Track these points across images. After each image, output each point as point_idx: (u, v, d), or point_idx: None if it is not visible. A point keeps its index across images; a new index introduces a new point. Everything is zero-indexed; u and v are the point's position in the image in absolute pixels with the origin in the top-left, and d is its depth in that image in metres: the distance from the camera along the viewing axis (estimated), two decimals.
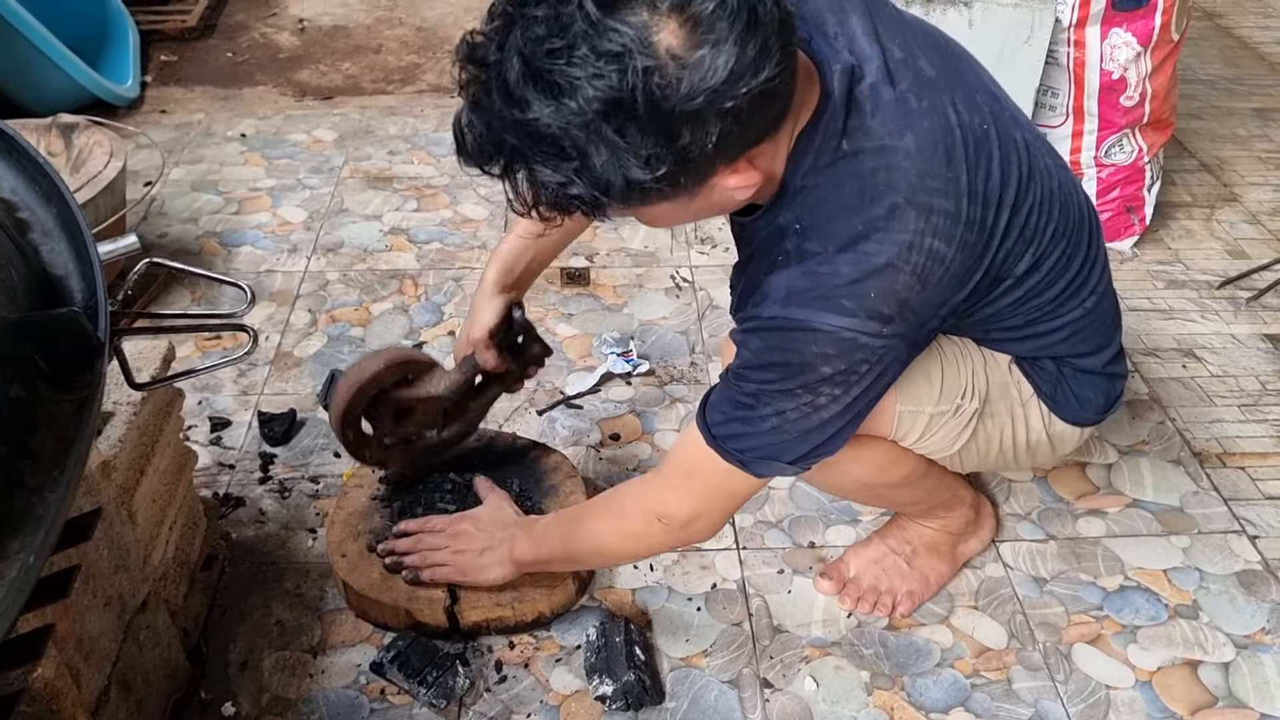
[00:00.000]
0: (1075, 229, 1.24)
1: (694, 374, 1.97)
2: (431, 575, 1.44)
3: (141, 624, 1.28)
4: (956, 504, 1.55)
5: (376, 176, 2.58)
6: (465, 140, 0.97)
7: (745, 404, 1.13)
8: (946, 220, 1.06)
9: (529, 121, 0.90)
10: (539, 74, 0.89)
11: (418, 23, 3.41)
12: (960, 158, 1.07)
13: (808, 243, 1.07)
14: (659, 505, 1.25)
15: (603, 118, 0.89)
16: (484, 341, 1.46)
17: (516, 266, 1.48)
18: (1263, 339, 2.10)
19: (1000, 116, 1.15)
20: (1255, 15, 3.59)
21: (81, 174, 1.99)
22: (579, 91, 0.88)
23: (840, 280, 1.05)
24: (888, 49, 1.09)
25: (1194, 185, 2.62)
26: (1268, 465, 1.80)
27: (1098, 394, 1.37)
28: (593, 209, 0.97)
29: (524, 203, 0.99)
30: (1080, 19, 2.11)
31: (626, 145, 0.90)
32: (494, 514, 1.48)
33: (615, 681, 1.38)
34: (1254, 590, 1.58)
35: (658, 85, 0.88)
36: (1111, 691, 1.44)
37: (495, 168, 0.97)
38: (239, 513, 1.67)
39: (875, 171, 1.05)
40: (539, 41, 0.89)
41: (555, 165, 0.93)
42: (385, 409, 1.47)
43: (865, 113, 1.05)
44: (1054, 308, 1.26)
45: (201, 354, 1.99)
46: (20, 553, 0.71)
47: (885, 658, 1.48)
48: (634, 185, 0.93)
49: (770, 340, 1.09)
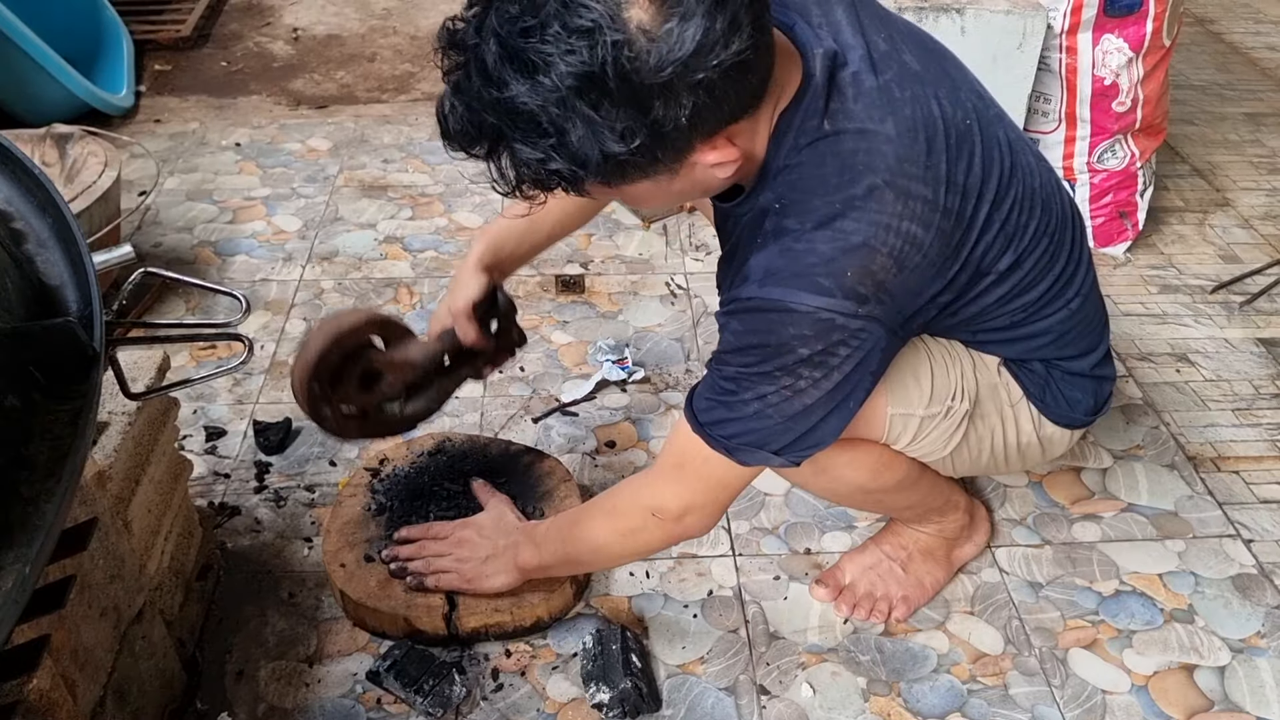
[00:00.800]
0: (1058, 228, 1.25)
1: (689, 381, 1.97)
2: (435, 582, 1.44)
3: (137, 634, 1.27)
4: (951, 509, 1.55)
5: (371, 185, 2.59)
6: (448, 123, 0.99)
7: (727, 389, 1.13)
8: (924, 206, 1.07)
9: (507, 100, 0.93)
10: (515, 53, 0.92)
11: (412, 31, 3.41)
12: (941, 147, 1.08)
13: (786, 220, 1.08)
14: (652, 499, 1.26)
15: (576, 93, 0.91)
16: (466, 312, 1.44)
17: (504, 248, 1.48)
18: (1256, 343, 2.11)
19: (984, 114, 1.16)
20: (1246, 21, 3.61)
21: (76, 184, 1.99)
22: (553, 68, 0.90)
23: (817, 258, 1.05)
24: (872, 41, 1.10)
25: (1186, 190, 2.63)
26: (1262, 469, 1.81)
27: (1086, 396, 1.37)
28: (572, 184, 0.99)
29: (508, 183, 1.01)
30: (1072, 25, 2.12)
31: (601, 119, 0.93)
32: (496, 521, 1.48)
33: (612, 689, 1.38)
34: (1249, 594, 1.59)
35: (628, 58, 0.90)
36: (1108, 696, 1.44)
37: (478, 149, 0.99)
38: (234, 522, 1.67)
39: (855, 153, 1.05)
40: (513, 21, 0.91)
41: (534, 142, 0.95)
42: (353, 368, 1.39)
43: (847, 96, 1.07)
44: (1039, 308, 1.27)
45: (196, 363, 1.99)
46: (16, 563, 0.71)
47: (882, 664, 1.48)
48: (611, 159, 0.95)
49: (748, 322, 1.10)
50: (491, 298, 1.46)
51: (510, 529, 1.45)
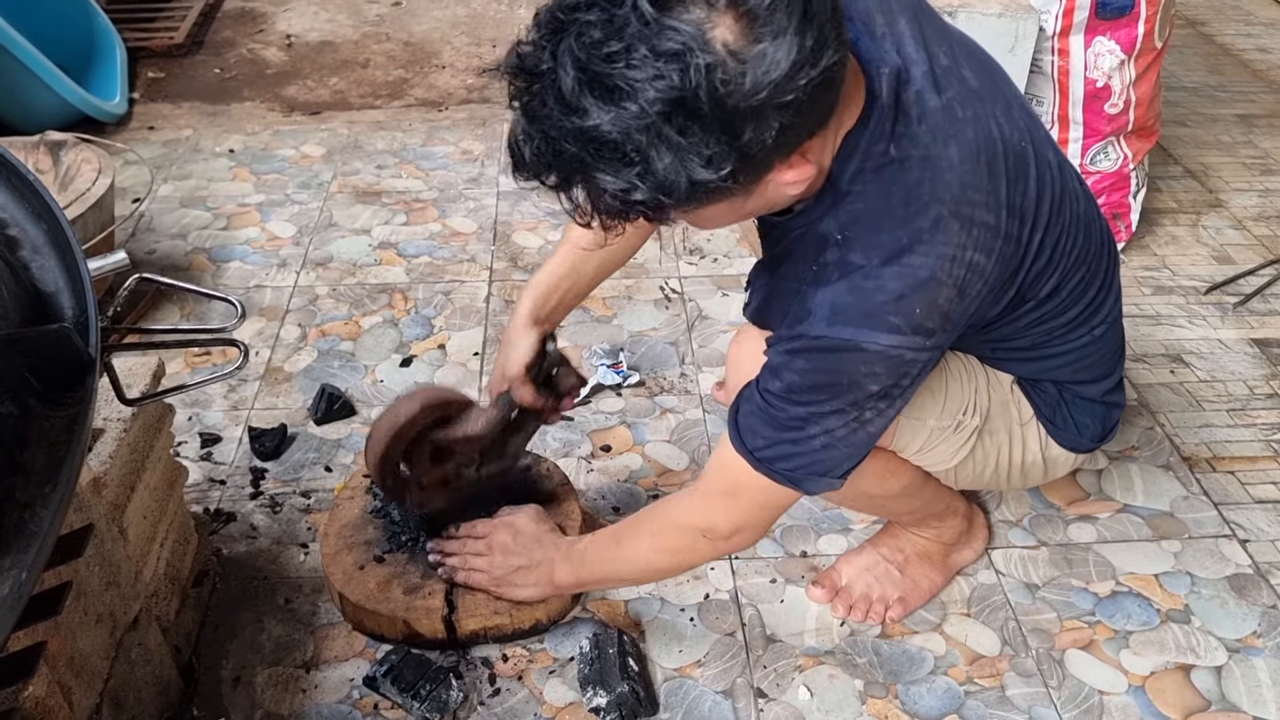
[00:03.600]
0: (1095, 256, 1.25)
1: (684, 385, 1.98)
2: (466, 578, 1.45)
3: (133, 641, 1.27)
4: (950, 515, 1.55)
5: (365, 191, 2.59)
6: (524, 154, 0.93)
7: (792, 426, 1.12)
8: (987, 233, 1.06)
9: (590, 129, 0.88)
10: (596, 79, 0.87)
11: (405, 38, 3.42)
12: (1000, 170, 1.07)
13: (851, 254, 1.06)
14: (703, 522, 1.25)
15: (665, 119, 0.87)
16: (520, 377, 1.44)
17: (550, 299, 1.47)
18: (1250, 344, 2.12)
19: (1036, 135, 1.15)
20: (1237, 23, 3.62)
21: (70, 191, 1.98)
22: (640, 94, 0.86)
23: (886, 295, 1.04)
24: (934, 55, 1.08)
25: (1179, 191, 2.64)
26: (1257, 469, 1.81)
27: (1095, 421, 1.38)
28: (656, 213, 0.95)
29: (583, 213, 0.96)
30: (1064, 28, 2.12)
31: (689, 145, 0.88)
32: (534, 529, 1.46)
33: (609, 693, 1.38)
34: (1245, 594, 1.59)
35: (721, 81, 0.86)
36: (1105, 697, 1.44)
37: (554, 179, 0.94)
38: (230, 528, 1.66)
39: (920, 183, 1.04)
40: (595, 46, 0.86)
41: (617, 171, 0.90)
42: (422, 451, 1.44)
43: (912, 118, 1.05)
44: (1064, 333, 1.27)
45: (191, 370, 1.98)
46: (12, 570, 0.71)
47: (879, 666, 1.48)
48: (698, 186, 0.91)
49: (817, 361, 1.09)
50: (542, 353, 1.46)
51: (547, 543, 1.43)
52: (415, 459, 1.44)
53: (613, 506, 1.72)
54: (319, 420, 1.87)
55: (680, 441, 1.85)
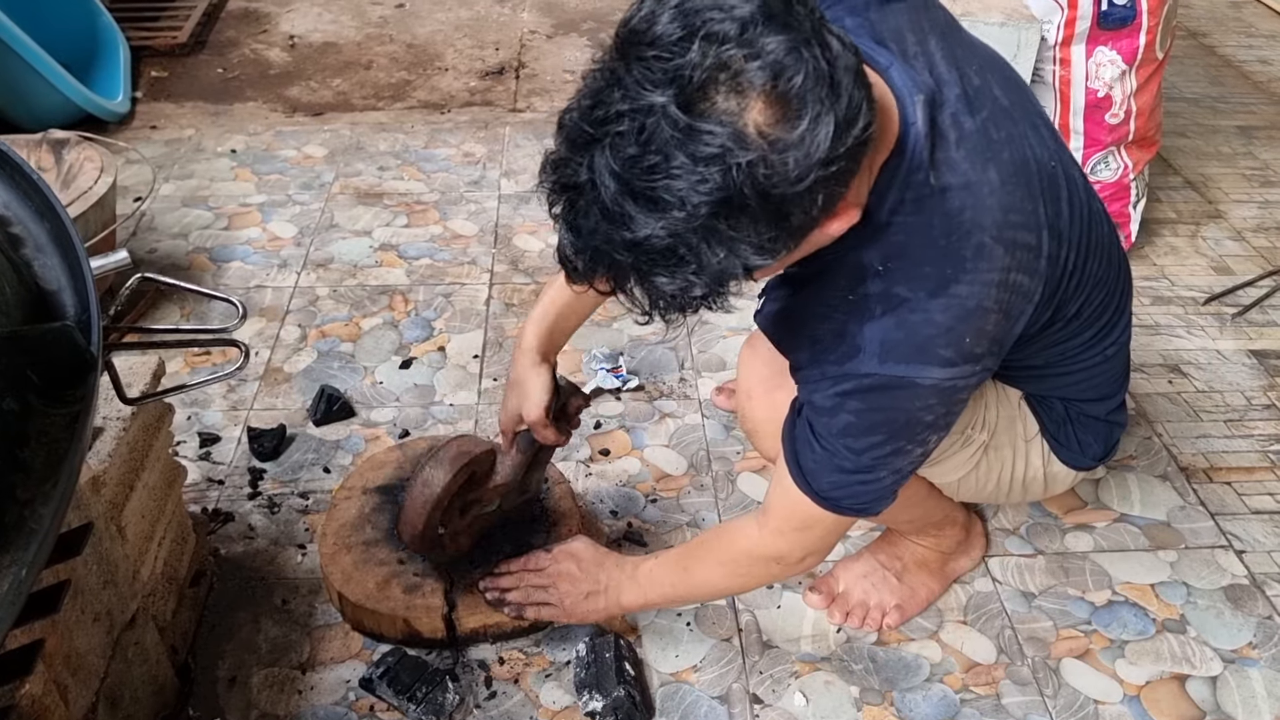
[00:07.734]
0: (1113, 279, 1.25)
1: (683, 389, 1.98)
2: (536, 614, 1.44)
3: (130, 640, 1.27)
4: (949, 524, 1.56)
5: (366, 192, 2.59)
6: (576, 267, 0.93)
7: (861, 468, 1.13)
8: (1030, 254, 1.07)
9: (640, 240, 0.87)
10: (639, 192, 0.85)
11: (408, 39, 3.42)
12: (1037, 191, 1.07)
13: (896, 287, 1.05)
14: (774, 551, 1.28)
15: (713, 218, 0.86)
16: (541, 421, 1.44)
17: (554, 332, 1.46)
18: (1248, 354, 2.12)
19: (1063, 156, 1.15)
20: (1238, 34, 3.63)
21: (72, 189, 1.99)
22: (686, 201, 0.84)
23: (935, 329, 1.04)
24: (965, 74, 1.08)
25: (1179, 202, 2.64)
26: (1254, 480, 1.82)
27: (1097, 440, 1.39)
28: (715, 301, 0.94)
29: (643, 310, 0.95)
30: (1065, 38, 2.13)
31: (741, 237, 0.88)
32: (594, 554, 1.44)
33: (605, 697, 1.38)
34: (1241, 605, 1.59)
35: (764, 175, 0.85)
36: (1100, 706, 1.45)
37: (609, 286, 0.94)
38: (228, 528, 1.67)
39: (962, 210, 1.03)
40: (632, 161, 0.84)
41: (672, 272, 0.89)
42: (453, 511, 1.45)
43: (949, 142, 1.03)
44: (1079, 352, 1.27)
45: (191, 369, 1.99)
46: (11, 567, 0.71)
47: (875, 673, 1.48)
48: (752, 270, 0.91)
49: (871, 401, 1.09)
50: (555, 389, 1.46)
51: (609, 566, 1.43)
52: (447, 519, 1.45)
53: (610, 510, 1.72)
54: (318, 421, 1.87)
55: (679, 446, 1.85)
